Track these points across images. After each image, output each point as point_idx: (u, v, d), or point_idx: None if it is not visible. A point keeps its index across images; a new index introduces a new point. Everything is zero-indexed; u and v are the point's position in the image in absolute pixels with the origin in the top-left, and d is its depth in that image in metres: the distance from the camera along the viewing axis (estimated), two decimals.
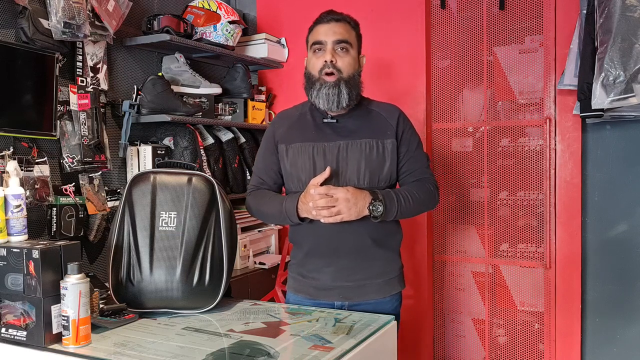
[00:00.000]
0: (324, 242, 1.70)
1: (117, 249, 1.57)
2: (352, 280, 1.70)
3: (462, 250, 2.69)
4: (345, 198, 1.58)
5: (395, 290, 1.76)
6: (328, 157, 1.67)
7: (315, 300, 1.74)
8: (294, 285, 1.80)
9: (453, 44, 2.64)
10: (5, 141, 1.82)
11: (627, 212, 2.32)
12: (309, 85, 1.71)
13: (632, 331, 2.33)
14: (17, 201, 1.50)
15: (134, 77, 2.34)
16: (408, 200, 1.67)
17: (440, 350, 2.73)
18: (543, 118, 2.45)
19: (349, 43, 1.69)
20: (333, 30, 1.67)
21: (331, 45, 1.67)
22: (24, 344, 1.37)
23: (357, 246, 1.69)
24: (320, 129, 1.72)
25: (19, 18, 1.83)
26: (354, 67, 1.70)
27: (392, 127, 1.72)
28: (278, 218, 1.73)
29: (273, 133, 1.78)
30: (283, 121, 1.79)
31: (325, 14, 1.72)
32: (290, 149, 1.72)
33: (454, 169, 2.67)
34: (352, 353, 1.31)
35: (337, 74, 1.66)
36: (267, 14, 3.01)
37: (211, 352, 1.29)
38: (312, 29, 1.74)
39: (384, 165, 1.69)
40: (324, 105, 1.68)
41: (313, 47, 1.70)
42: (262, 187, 1.81)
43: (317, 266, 1.72)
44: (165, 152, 2.30)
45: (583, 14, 2.20)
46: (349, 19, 1.73)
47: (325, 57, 1.66)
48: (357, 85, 1.71)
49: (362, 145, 1.68)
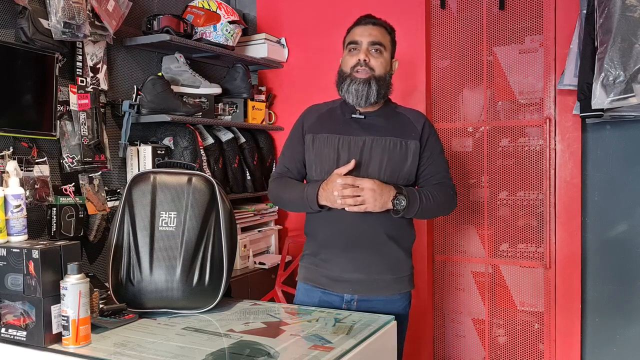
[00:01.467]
0: (338, 234, 1.73)
1: (117, 249, 1.57)
2: (364, 273, 1.73)
3: (462, 250, 2.69)
4: (371, 188, 1.62)
5: (405, 289, 1.79)
6: (352, 151, 1.72)
7: (324, 290, 1.76)
8: (305, 274, 1.82)
9: (453, 44, 2.64)
10: (5, 141, 1.82)
11: (627, 212, 2.32)
12: (340, 80, 1.77)
13: (632, 331, 2.33)
14: (17, 201, 1.50)
15: (133, 77, 2.34)
16: (429, 199, 1.72)
17: (440, 350, 2.73)
18: (543, 118, 2.45)
19: (383, 45, 1.76)
20: (369, 32, 1.75)
21: (366, 46, 1.74)
22: (24, 344, 1.37)
23: (372, 240, 1.72)
24: (348, 124, 1.78)
25: (19, 18, 1.83)
26: (385, 68, 1.77)
27: (418, 131, 1.78)
28: (298, 204, 1.77)
29: (302, 123, 1.84)
30: (313, 113, 1.85)
31: (363, 17, 1.81)
32: (317, 138, 1.77)
33: (454, 169, 2.66)
34: (352, 353, 1.31)
35: (369, 72, 1.72)
36: (267, 14, 3.01)
37: (211, 352, 1.29)
38: (350, 30, 1.81)
39: (405, 164, 1.74)
40: (353, 100, 1.74)
41: (349, 47, 1.77)
42: (286, 175, 1.85)
43: (330, 256, 1.75)
44: (165, 152, 2.30)
45: (583, 14, 2.20)
46: (385, 24, 1.81)
47: (359, 56, 1.73)
48: (387, 85, 1.78)
49: (387, 142, 1.73)
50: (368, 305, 1.72)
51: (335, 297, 1.75)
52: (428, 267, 2.66)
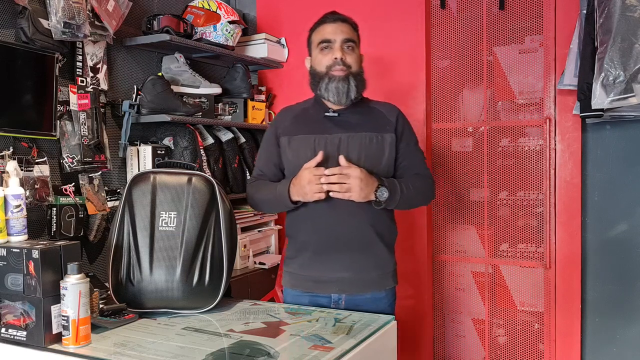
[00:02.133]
0: (322, 234, 1.72)
1: (117, 249, 1.57)
2: (349, 271, 1.72)
3: (462, 250, 2.69)
4: (359, 177, 1.62)
5: (389, 285, 1.79)
6: (329, 149, 1.71)
7: (312, 294, 1.76)
8: (289, 280, 1.82)
9: (453, 44, 2.64)
10: (5, 141, 1.82)
11: (627, 212, 2.32)
12: (316, 81, 1.77)
13: (632, 331, 2.33)
14: (17, 201, 1.50)
15: (133, 77, 2.34)
16: (409, 189, 1.72)
17: (440, 350, 2.73)
18: (543, 118, 2.45)
19: (354, 42, 1.77)
20: (341, 29, 1.75)
21: (340, 44, 1.73)
22: (24, 344, 1.37)
23: (357, 238, 1.72)
24: (322, 122, 1.77)
25: (19, 18, 1.83)
26: (359, 64, 1.78)
27: (392, 123, 1.78)
28: (273, 203, 1.78)
29: (276, 126, 1.84)
30: (286, 115, 1.85)
31: (330, 15, 1.79)
32: (293, 140, 1.77)
33: (454, 169, 2.67)
34: (352, 353, 1.31)
35: (346, 69, 1.73)
36: (267, 14, 3.01)
37: (211, 352, 1.29)
38: (316, 29, 1.79)
39: (383, 157, 1.74)
40: (334, 98, 1.73)
41: (320, 46, 1.76)
42: (261, 178, 1.85)
43: (313, 258, 1.75)
44: (165, 152, 2.30)
45: (583, 14, 2.20)
46: (351, 20, 1.81)
47: (335, 54, 1.73)
48: (363, 81, 1.78)
49: (362, 137, 1.73)
50: (355, 303, 1.72)
51: (323, 299, 1.75)
52: (428, 267, 2.66)
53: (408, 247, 2.64)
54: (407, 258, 2.66)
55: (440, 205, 2.69)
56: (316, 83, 1.76)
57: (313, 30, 1.81)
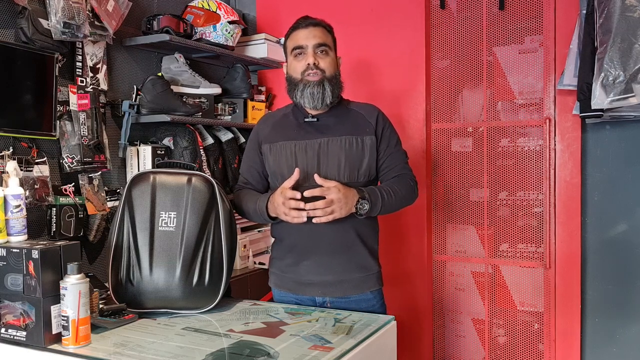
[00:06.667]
0: (306, 237, 1.72)
1: (116, 249, 1.57)
2: (331, 275, 1.72)
3: (462, 250, 2.69)
4: (337, 198, 1.62)
5: (373, 287, 1.78)
6: (309, 154, 1.72)
7: (297, 295, 1.77)
8: (275, 280, 1.84)
9: (453, 44, 2.64)
10: (5, 141, 1.82)
11: (627, 212, 2.32)
12: (292, 87, 1.77)
13: (632, 331, 2.33)
14: (16, 201, 1.50)
15: (133, 77, 2.34)
16: (391, 196, 1.72)
17: (440, 350, 2.73)
18: (543, 118, 2.45)
19: (328, 46, 1.76)
20: (313, 34, 1.74)
21: (312, 49, 1.73)
22: (24, 344, 1.37)
23: (340, 241, 1.72)
24: (302, 128, 1.78)
25: (19, 18, 1.83)
26: (334, 67, 1.77)
27: (372, 125, 1.78)
28: (255, 216, 1.78)
29: (257, 134, 1.85)
30: (267, 122, 1.86)
31: (302, 20, 1.79)
32: (273, 147, 1.78)
33: (454, 169, 2.67)
34: (352, 353, 1.31)
35: (321, 74, 1.72)
36: (266, 14, 3.01)
37: (211, 352, 1.29)
38: (290, 35, 1.80)
39: (363, 161, 1.74)
40: (309, 103, 1.74)
41: (294, 52, 1.76)
42: (246, 187, 1.86)
43: (296, 260, 1.75)
44: (165, 152, 2.30)
45: (583, 14, 2.20)
46: (324, 23, 1.80)
47: (308, 60, 1.73)
48: (339, 84, 1.78)
49: (342, 141, 1.73)
50: (342, 305, 1.73)
51: (308, 301, 1.75)
52: (428, 267, 2.66)
53: (408, 247, 2.65)
54: (407, 258, 2.66)
55: (440, 206, 2.69)
56: (292, 89, 1.77)
57: (287, 36, 1.81)
